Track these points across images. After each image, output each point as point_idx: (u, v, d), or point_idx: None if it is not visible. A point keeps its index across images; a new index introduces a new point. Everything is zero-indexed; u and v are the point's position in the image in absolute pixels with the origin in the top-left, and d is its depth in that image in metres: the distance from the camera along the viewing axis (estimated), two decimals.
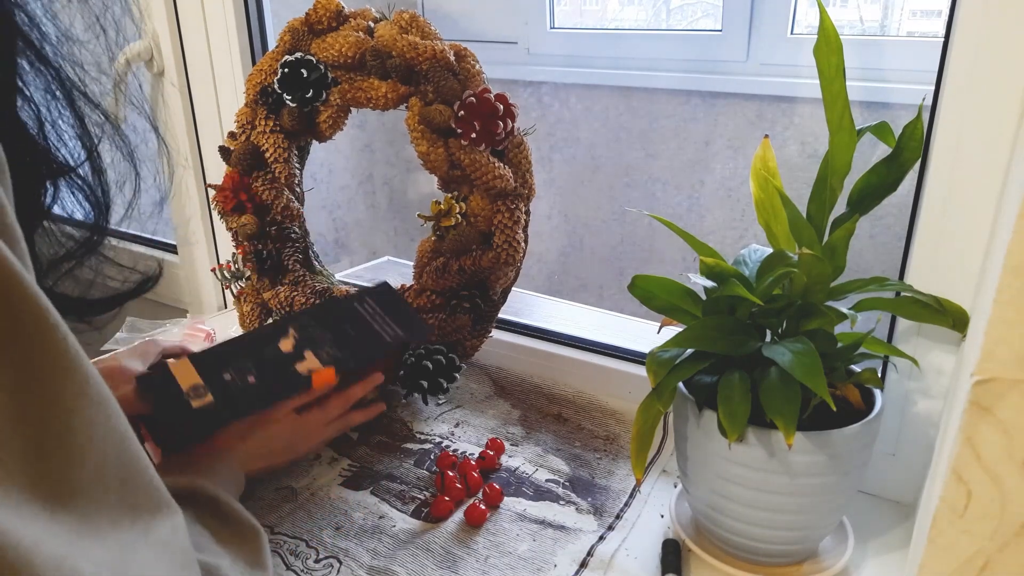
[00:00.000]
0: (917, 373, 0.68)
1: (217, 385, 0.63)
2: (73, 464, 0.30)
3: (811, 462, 0.58)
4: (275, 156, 0.85)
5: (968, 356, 0.45)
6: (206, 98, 1.10)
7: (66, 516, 0.29)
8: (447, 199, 0.79)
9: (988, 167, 0.59)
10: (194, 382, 0.63)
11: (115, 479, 0.32)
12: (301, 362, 0.66)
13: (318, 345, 0.68)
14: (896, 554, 0.68)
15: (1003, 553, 0.38)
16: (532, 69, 1.85)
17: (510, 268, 0.80)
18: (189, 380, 0.63)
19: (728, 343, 0.60)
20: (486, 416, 0.89)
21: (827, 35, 0.58)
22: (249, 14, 1.04)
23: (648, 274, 0.64)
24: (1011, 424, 0.36)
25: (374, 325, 0.71)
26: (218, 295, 1.24)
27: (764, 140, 0.66)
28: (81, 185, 0.40)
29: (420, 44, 0.76)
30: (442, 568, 0.65)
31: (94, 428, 0.31)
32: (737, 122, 1.63)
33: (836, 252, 0.60)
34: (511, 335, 0.98)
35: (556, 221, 1.96)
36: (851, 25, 1.57)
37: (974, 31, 0.57)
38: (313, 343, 0.68)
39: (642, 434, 0.62)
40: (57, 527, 0.28)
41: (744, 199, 1.67)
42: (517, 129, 0.77)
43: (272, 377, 0.65)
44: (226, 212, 0.89)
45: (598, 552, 0.67)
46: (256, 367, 0.66)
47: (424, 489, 0.76)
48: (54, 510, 0.28)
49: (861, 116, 1.46)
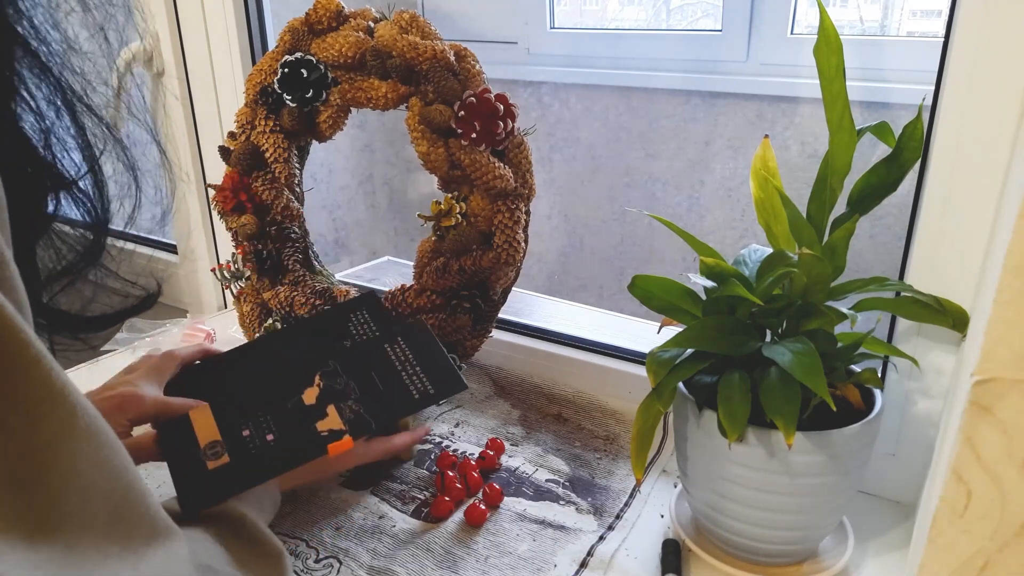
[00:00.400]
0: (917, 373, 0.68)
1: (235, 443, 0.62)
2: (55, 495, 0.30)
3: (811, 462, 0.58)
4: (275, 156, 0.85)
5: (968, 356, 0.45)
6: (206, 98, 1.10)
7: (47, 548, 0.29)
8: (447, 199, 0.79)
9: (988, 167, 0.59)
10: (212, 438, 0.62)
11: (103, 509, 0.32)
12: (323, 420, 0.64)
13: (342, 398, 0.65)
14: (896, 554, 0.68)
15: (1003, 553, 0.38)
16: (532, 69, 1.85)
17: (510, 268, 0.80)
18: (208, 435, 0.63)
19: (728, 343, 0.60)
20: (486, 416, 0.89)
21: (827, 35, 0.58)
22: (249, 14, 1.04)
23: (648, 274, 0.64)
24: (1011, 424, 0.36)
25: (403, 377, 0.68)
26: (218, 295, 1.24)
27: (764, 140, 0.66)
28: (82, 198, 0.40)
29: (420, 44, 0.76)
30: (442, 568, 0.65)
31: (80, 459, 0.31)
32: (737, 122, 1.63)
33: (836, 252, 0.60)
34: (511, 335, 0.98)
35: (556, 221, 1.96)
36: (851, 25, 1.56)
37: (974, 31, 0.57)
38: (337, 396, 0.66)
39: (642, 434, 0.62)
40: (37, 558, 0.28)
41: (744, 199, 1.67)
42: (517, 129, 0.77)
43: (290, 439, 0.63)
44: (226, 212, 0.89)
45: (598, 552, 0.67)
46: (276, 424, 0.64)
47: (424, 489, 0.76)
48: (34, 541, 0.28)
49: (861, 116, 1.46)
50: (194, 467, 0.60)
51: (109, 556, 0.32)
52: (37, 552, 0.28)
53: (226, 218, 0.90)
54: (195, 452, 0.61)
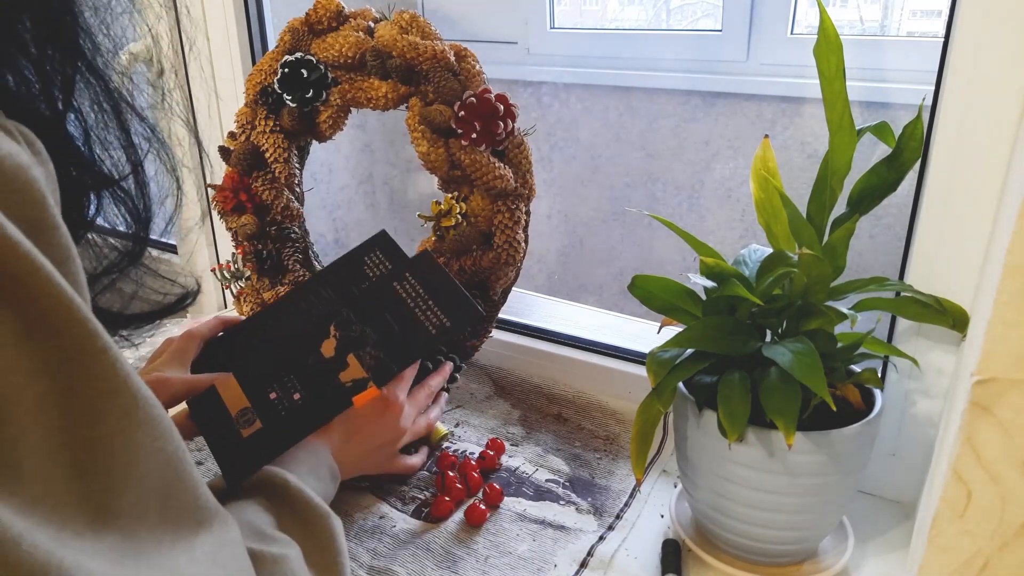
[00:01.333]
0: (917, 373, 0.68)
1: (264, 407, 0.63)
2: (115, 485, 0.30)
3: (811, 462, 0.58)
4: (275, 156, 0.86)
5: (968, 356, 0.45)
6: (206, 98, 1.10)
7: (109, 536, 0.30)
8: (447, 199, 0.79)
9: (988, 167, 0.59)
10: (242, 406, 0.63)
11: (157, 498, 0.32)
12: (344, 371, 0.64)
13: (360, 346, 0.65)
14: (896, 554, 0.68)
15: (1003, 553, 0.38)
16: (532, 69, 1.85)
17: (510, 268, 0.80)
18: (237, 404, 0.64)
19: (728, 343, 0.60)
20: (486, 416, 0.89)
21: (827, 35, 0.58)
22: (249, 14, 1.04)
23: (648, 274, 0.64)
24: (1011, 424, 0.36)
25: (416, 314, 0.67)
26: (218, 295, 1.24)
27: (764, 140, 0.66)
28: (124, 198, 0.41)
29: (420, 44, 0.76)
30: (442, 568, 0.65)
31: (139, 449, 0.31)
32: (737, 122, 1.63)
33: (836, 252, 0.60)
34: (511, 335, 0.98)
35: (556, 221, 1.96)
36: (851, 25, 1.56)
37: (974, 31, 0.57)
38: (355, 344, 0.65)
39: (642, 434, 0.62)
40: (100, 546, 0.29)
41: (744, 199, 1.67)
42: (517, 129, 0.77)
43: (317, 394, 0.63)
44: (226, 212, 0.89)
45: (598, 552, 0.67)
46: (301, 382, 0.64)
47: (424, 489, 0.76)
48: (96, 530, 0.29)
49: (861, 116, 1.46)
50: (230, 437, 0.61)
51: (162, 544, 0.32)
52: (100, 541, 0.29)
53: (226, 218, 0.90)
54: (228, 423, 0.62)
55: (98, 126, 0.38)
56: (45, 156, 0.31)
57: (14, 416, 0.27)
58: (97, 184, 0.39)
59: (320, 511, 0.52)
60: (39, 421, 0.27)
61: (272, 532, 0.49)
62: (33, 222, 0.28)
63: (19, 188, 0.28)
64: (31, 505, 0.27)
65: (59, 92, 0.36)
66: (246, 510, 0.50)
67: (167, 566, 0.32)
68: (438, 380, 0.74)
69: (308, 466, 0.60)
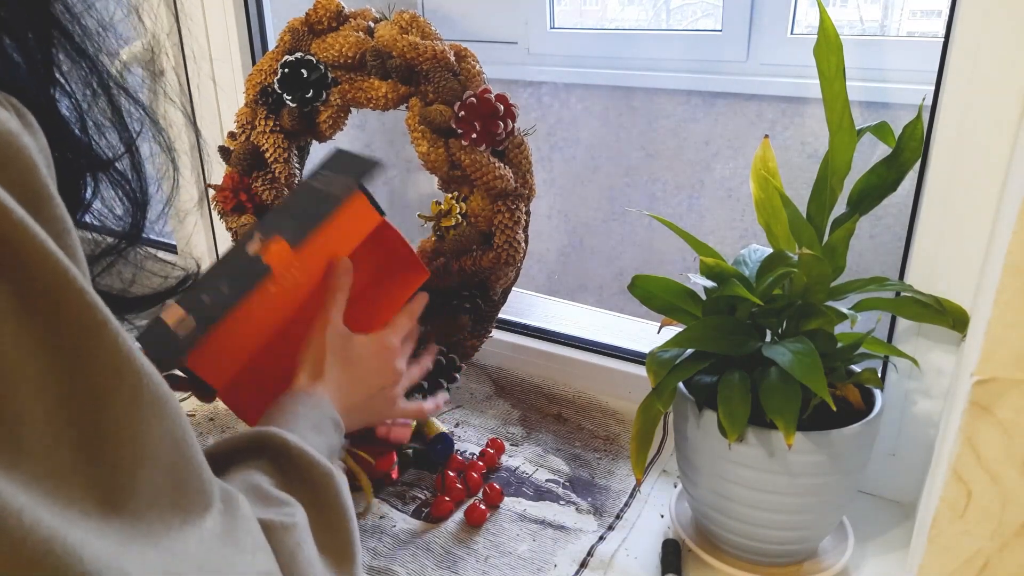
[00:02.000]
0: (917, 373, 0.68)
1: (198, 310, 0.64)
2: (123, 466, 0.30)
3: (811, 462, 0.58)
4: (275, 156, 0.86)
5: (968, 356, 0.45)
6: (206, 98, 1.10)
7: (118, 519, 0.29)
8: (447, 199, 0.79)
9: (988, 167, 0.59)
10: (179, 316, 0.64)
11: (166, 481, 0.32)
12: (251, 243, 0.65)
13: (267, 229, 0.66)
14: (896, 554, 0.68)
15: (1003, 553, 0.38)
16: (532, 69, 1.84)
17: (510, 268, 0.80)
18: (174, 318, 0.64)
19: (728, 343, 0.60)
20: (486, 416, 0.89)
21: (827, 35, 0.58)
22: (249, 14, 1.04)
23: (648, 274, 0.64)
24: (1011, 424, 0.36)
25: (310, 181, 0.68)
26: None
27: (764, 140, 0.66)
28: (120, 180, 0.40)
29: (421, 44, 0.76)
30: (442, 568, 0.65)
31: (146, 430, 0.31)
32: (737, 122, 1.63)
33: (836, 252, 0.60)
34: (511, 335, 0.98)
35: (556, 221, 1.96)
36: (851, 25, 1.56)
37: (974, 31, 0.57)
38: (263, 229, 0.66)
39: (642, 434, 0.62)
40: (109, 528, 0.28)
41: (744, 199, 1.67)
42: (517, 129, 0.77)
43: (237, 276, 0.65)
44: (226, 212, 0.89)
45: (598, 552, 0.67)
46: (227, 277, 0.65)
47: (424, 489, 0.76)
48: (105, 512, 0.29)
49: (861, 116, 1.46)
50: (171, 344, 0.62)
51: (171, 527, 0.32)
52: (109, 523, 0.29)
53: (226, 218, 0.90)
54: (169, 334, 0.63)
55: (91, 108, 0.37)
56: (36, 128, 0.30)
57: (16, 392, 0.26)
58: (92, 166, 0.38)
59: (325, 470, 0.51)
60: (41, 398, 0.27)
61: (277, 494, 0.47)
62: (25, 190, 0.27)
63: (11, 155, 0.27)
64: (36, 481, 0.26)
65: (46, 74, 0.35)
66: (249, 476, 0.49)
67: (176, 548, 0.31)
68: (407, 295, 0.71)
69: (310, 421, 0.58)
